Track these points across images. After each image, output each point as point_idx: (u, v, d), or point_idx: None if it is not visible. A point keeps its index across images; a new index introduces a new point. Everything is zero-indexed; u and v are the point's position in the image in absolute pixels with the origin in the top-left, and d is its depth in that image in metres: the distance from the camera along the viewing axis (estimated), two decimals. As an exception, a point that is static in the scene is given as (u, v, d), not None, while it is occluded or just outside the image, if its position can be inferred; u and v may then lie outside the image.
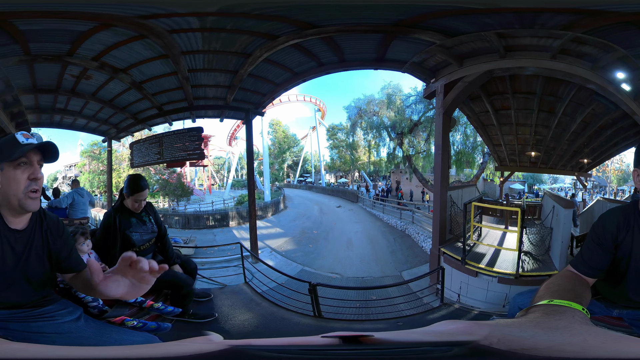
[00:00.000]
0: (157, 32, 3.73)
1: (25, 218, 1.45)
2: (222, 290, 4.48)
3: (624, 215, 1.47)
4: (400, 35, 4.02)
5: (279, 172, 29.24)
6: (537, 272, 4.07)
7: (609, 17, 3.15)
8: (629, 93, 3.89)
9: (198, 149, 6.51)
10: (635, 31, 3.27)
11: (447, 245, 4.65)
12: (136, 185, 2.88)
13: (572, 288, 1.16)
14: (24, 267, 1.44)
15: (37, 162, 1.37)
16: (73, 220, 6.16)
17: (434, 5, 3.31)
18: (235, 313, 3.80)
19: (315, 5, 3.47)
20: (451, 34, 3.80)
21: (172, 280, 2.82)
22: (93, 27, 3.73)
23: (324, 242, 10.15)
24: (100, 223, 2.97)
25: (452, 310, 3.87)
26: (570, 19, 3.26)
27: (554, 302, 0.94)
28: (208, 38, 4.10)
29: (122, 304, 2.44)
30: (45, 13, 3.34)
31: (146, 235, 2.94)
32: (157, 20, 3.53)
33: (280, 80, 5.74)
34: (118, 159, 17.26)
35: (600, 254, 1.46)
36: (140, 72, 5.09)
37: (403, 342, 0.60)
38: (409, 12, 3.48)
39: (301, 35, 3.93)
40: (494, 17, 3.45)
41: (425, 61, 4.56)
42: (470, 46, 4.02)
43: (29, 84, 5.30)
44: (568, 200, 5.16)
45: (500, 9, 3.27)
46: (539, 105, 5.65)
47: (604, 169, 20.02)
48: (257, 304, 4.13)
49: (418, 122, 14.68)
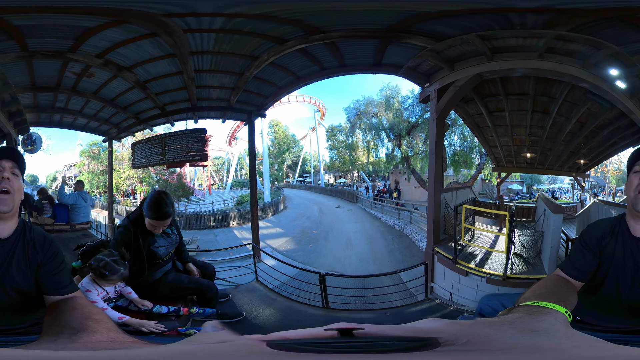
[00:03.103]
0: (171, 31, 3.59)
1: (8, 227, 1.42)
2: (236, 289, 4.63)
3: (611, 223, 1.55)
4: (394, 41, 4.08)
5: (279, 172, 29.30)
6: (526, 275, 4.09)
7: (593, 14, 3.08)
8: (624, 91, 3.81)
9: (201, 150, 6.49)
10: (627, 27, 3.20)
11: (441, 245, 4.74)
12: (158, 210, 2.55)
13: (558, 291, 1.21)
14: (3, 278, 1.37)
15: (8, 168, 1.41)
16: (75, 224, 6.24)
17: (415, 9, 3.29)
18: (258, 310, 4.03)
19: (325, 10, 3.49)
20: (439, 38, 3.80)
21: (196, 287, 2.87)
22: (103, 23, 3.58)
23: (323, 241, 10.28)
24: (116, 238, 2.69)
25: (432, 305, 4.25)
26: (551, 17, 3.19)
27: (538, 303, 0.97)
28: (221, 39, 4.05)
29: (159, 317, 2.42)
30: (46, 8, 3.18)
31: (171, 247, 2.87)
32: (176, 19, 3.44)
33: (283, 83, 5.79)
34: (118, 159, 17.21)
35: (588, 257, 1.53)
36: (146, 71, 4.99)
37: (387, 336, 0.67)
38: (396, 16, 3.49)
39: (308, 40, 3.99)
40: (469, 19, 3.40)
41: (419, 66, 4.61)
42: (458, 50, 4.02)
43: (27, 81, 5.04)
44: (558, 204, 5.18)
45: (473, 11, 3.23)
46: (533, 105, 5.65)
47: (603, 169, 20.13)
48: (273, 299, 4.40)
49: (416, 123, 14.82)
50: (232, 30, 3.85)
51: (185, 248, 3.12)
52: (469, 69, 4.19)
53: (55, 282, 1.43)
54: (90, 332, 1.02)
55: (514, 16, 3.30)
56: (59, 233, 5.84)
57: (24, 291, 1.42)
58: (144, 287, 2.65)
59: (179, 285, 2.81)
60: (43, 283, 1.42)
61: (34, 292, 1.43)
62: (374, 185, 22.09)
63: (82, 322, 1.08)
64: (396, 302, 4.38)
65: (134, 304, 2.47)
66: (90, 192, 18.06)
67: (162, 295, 2.70)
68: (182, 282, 2.83)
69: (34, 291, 1.43)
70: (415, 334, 0.67)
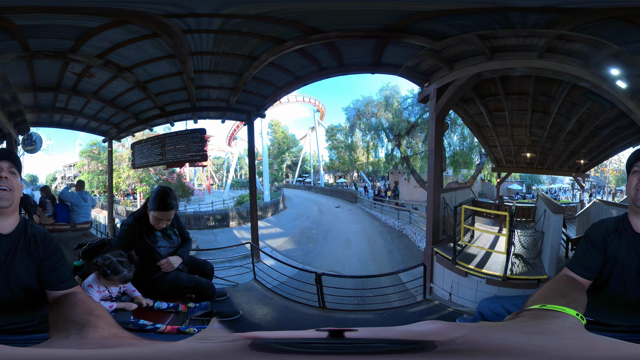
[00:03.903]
0: (171, 32, 3.63)
1: (9, 223, 1.48)
2: (235, 288, 4.64)
3: (614, 221, 1.58)
4: (393, 40, 4.07)
5: (278, 172, 29.27)
6: (526, 276, 4.06)
7: (593, 14, 3.08)
8: (625, 91, 3.80)
9: (201, 150, 6.52)
10: (628, 27, 3.19)
11: (440, 246, 4.72)
12: (162, 201, 2.63)
13: (568, 293, 1.20)
14: (7, 274, 1.42)
15: (6, 168, 1.48)
16: (75, 224, 6.31)
17: (413, 8, 3.29)
18: (254, 309, 4.06)
19: (321, 10, 3.50)
20: (438, 37, 3.79)
21: (194, 286, 2.91)
22: (105, 23, 3.60)
23: (323, 241, 10.28)
24: (120, 236, 2.75)
25: (431, 306, 4.19)
26: (546, 18, 3.19)
27: (546, 306, 0.95)
28: (220, 40, 4.07)
29: (160, 313, 2.51)
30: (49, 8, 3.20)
31: (171, 249, 2.90)
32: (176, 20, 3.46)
33: (282, 83, 5.81)
34: (117, 159, 17.19)
35: (595, 255, 1.55)
36: (146, 72, 5.02)
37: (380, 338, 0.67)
38: (394, 16, 3.48)
39: (306, 41, 4.00)
40: (469, 18, 3.39)
41: (418, 65, 4.60)
42: (457, 49, 4.00)
43: (28, 81, 5.09)
44: (558, 204, 5.16)
45: (475, 9, 3.22)
46: (533, 105, 5.64)
47: (603, 169, 20.13)
48: (270, 298, 4.41)
49: (415, 123, 14.81)
50: (230, 31, 3.87)
51: (187, 249, 3.06)
52: (468, 69, 4.17)
53: (57, 277, 1.49)
54: (93, 327, 1.07)
55: (515, 15, 3.28)
56: (59, 233, 5.90)
57: (27, 287, 1.47)
58: (145, 285, 2.68)
59: (179, 283, 2.85)
60: (45, 278, 1.48)
61: (37, 288, 1.48)
62: (374, 185, 22.08)
63: (85, 317, 1.14)
64: (395, 302, 4.36)
65: (137, 301, 2.49)
66: (90, 192, 18.03)
67: (162, 293, 2.74)
68: (181, 281, 2.87)
69: (37, 287, 1.48)
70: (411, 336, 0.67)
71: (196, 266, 3.18)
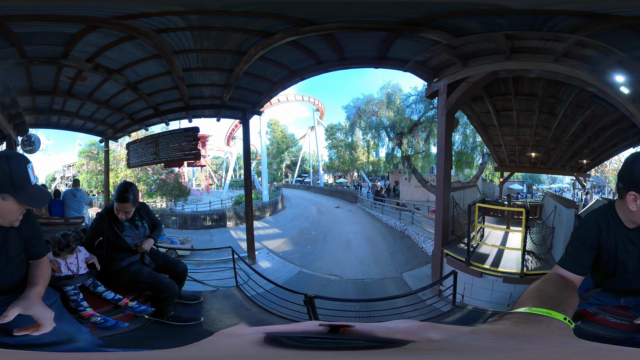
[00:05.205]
0: (145, 32, 3.71)
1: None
2: (213, 293, 4.35)
3: (602, 215, 1.62)
4: (407, 34, 3.97)
5: (277, 172, 29.15)
6: (541, 271, 4.08)
7: (611, 21, 3.24)
8: (627, 95, 3.99)
9: (194, 149, 6.50)
10: (634, 34, 3.36)
11: (450, 247, 4.61)
12: (121, 194, 2.80)
13: (557, 294, 1.13)
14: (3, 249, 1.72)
15: None
16: (68, 219, 6.60)
17: (448, 3, 3.30)
18: (222, 318, 3.69)
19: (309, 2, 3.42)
20: (460, 33, 3.79)
21: (153, 284, 2.88)
22: (82, 29, 3.73)
23: (322, 243, 10.07)
24: (91, 224, 3.03)
25: (466, 313, 3.83)
26: (579, 22, 3.29)
27: (532, 310, 0.90)
28: (199, 37, 4.07)
29: (101, 300, 2.67)
30: (36, 17, 3.39)
31: (138, 239, 2.99)
32: (139, 21, 3.49)
33: (277, 78, 5.66)
34: (116, 159, 17.16)
35: (586, 251, 1.60)
36: (135, 73, 5.08)
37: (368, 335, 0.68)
38: (421, 10, 3.47)
39: (298, 33, 3.86)
40: (506, 17, 3.46)
41: (429, 60, 4.52)
42: (476, 46, 4.01)
43: (26, 85, 5.43)
44: (570, 200, 5.22)
45: (513, 11, 3.28)
46: (540, 106, 5.67)
47: (603, 169, 20.05)
48: (247, 309, 4.03)
49: (418, 122, 14.64)
50: (205, 27, 3.85)
51: (158, 233, 3.14)
52: (484, 66, 4.17)
53: (37, 249, 1.89)
54: (35, 285, 1.68)
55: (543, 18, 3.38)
56: (54, 226, 6.19)
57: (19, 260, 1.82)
58: (107, 273, 2.86)
59: (137, 277, 2.88)
60: (30, 250, 1.86)
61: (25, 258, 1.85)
62: (373, 184, 21.95)
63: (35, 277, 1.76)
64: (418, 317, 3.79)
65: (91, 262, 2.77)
66: (89, 191, 18.19)
67: (121, 284, 2.86)
68: (140, 275, 2.88)
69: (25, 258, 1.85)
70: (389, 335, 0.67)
71: (167, 265, 3.13)
